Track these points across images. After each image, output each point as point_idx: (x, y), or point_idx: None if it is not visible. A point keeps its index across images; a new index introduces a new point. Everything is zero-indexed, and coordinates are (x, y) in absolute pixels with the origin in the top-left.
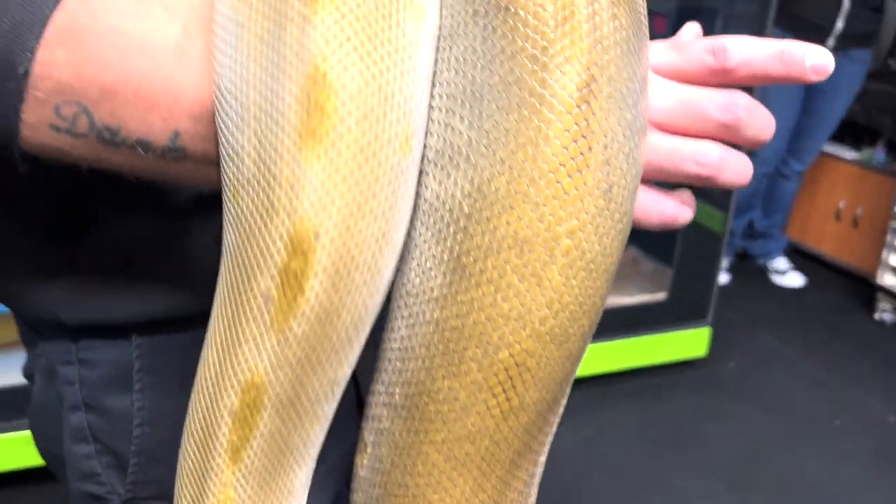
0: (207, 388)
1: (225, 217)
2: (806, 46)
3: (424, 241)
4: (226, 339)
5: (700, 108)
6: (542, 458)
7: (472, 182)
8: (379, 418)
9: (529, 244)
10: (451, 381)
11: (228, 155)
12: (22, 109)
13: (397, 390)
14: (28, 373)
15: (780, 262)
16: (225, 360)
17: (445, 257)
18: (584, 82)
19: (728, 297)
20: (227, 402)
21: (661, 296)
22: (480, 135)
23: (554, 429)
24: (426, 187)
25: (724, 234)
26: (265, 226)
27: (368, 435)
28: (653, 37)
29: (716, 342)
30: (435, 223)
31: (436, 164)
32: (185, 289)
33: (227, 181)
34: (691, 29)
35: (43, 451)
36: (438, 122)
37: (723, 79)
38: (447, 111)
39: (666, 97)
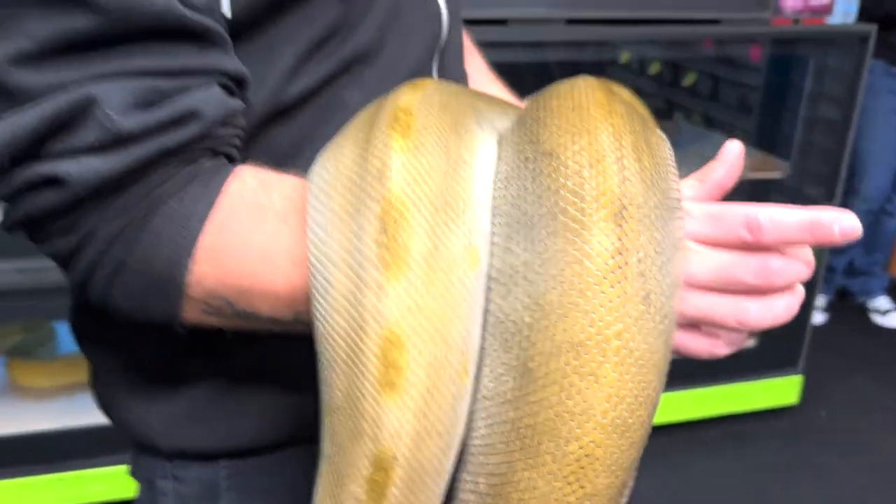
0: None
1: (322, 427)
2: (835, 214)
3: (494, 350)
4: None
5: (736, 276)
6: None
7: (530, 296)
8: (467, 502)
9: (584, 347)
10: (530, 472)
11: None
12: (180, 305)
13: (482, 480)
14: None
15: (882, 302)
16: None
17: (514, 363)
18: (616, 210)
19: (824, 338)
20: None
21: (750, 342)
22: (534, 256)
23: None
24: (492, 302)
25: (818, 280)
26: (353, 445)
27: None
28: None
29: (808, 387)
30: (502, 334)
31: (499, 282)
32: (269, 421)
33: (323, 403)
34: (733, 149)
35: None
36: (499, 247)
37: (756, 249)
38: (506, 237)
39: (704, 265)
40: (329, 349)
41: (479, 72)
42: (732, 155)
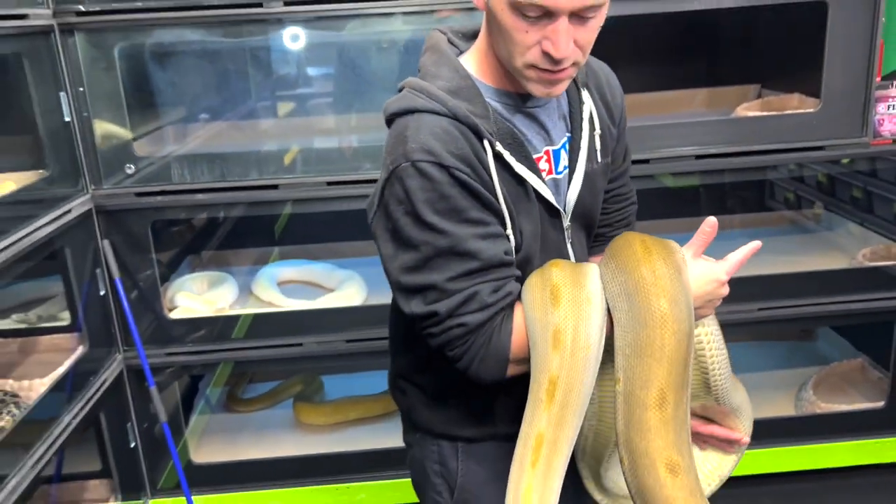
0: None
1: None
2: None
3: (622, 329)
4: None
5: (716, 294)
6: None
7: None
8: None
9: (654, 329)
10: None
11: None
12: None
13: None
14: (407, 441)
15: None
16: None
17: (630, 334)
18: (668, 308)
19: None
20: (526, 443)
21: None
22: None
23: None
24: (617, 311)
25: None
26: (537, 375)
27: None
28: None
29: None
30: (623, 328)
31: (615, 307)
32: (490, 420)
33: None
34: (709, 222)
35: (414, 485)
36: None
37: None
38: (614, 297)
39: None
40: (532, 336)
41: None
42: (709, 227)
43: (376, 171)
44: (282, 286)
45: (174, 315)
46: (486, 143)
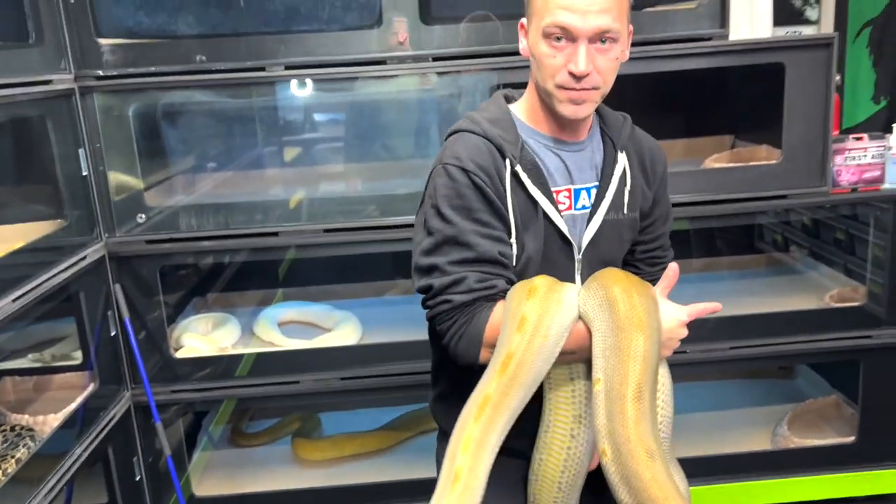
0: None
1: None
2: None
3: (600, 332)
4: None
5: (678, 332)
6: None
7: (609, 325)
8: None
9: (626, 330)
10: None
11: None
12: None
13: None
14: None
15: None
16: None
17: (610, 335)
18: (643, 319)
19: None
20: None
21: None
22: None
23: None
24: (595, 320)
25: None
26: (499, 348)
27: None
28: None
29: None
30: (600, 327)
31: (589, 317)
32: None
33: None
34: (672, 267)
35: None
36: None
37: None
38: (594, 309)
39: (669, 319)
40: (504, 321)
41: None
42: (671, 272)
43: (369, 218)
44: (282, 326)
45: (180, 354)
46: (507, 161)
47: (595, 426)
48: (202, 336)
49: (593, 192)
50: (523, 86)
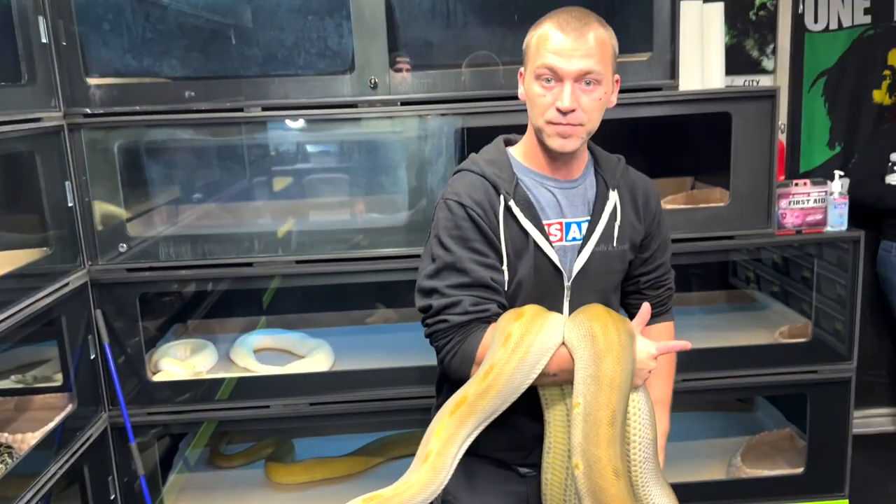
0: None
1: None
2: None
3: (581, 359)
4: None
5: (649, 362)
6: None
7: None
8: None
9: (605, 359)
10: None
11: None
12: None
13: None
14: None
15: None
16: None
17: (590, 364)
18: (619, 353)
19: None
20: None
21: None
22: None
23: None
24: (577, 350)
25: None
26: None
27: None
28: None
29: None
30: (582, 353)
31: (574, 346)
32: (488, 442)
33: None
34: (644, 308)
35: None
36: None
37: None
38: (577, 339)
39: (643, 352)
40: (493, 340)
41: None
42: (644, 311)
43: (337, 251)
44: (258, 353)
45: (157, 378)
46: (501, 197)
47: (571, 443)
48: (179, 361)
49: (584, 225)
50: (488, 130)
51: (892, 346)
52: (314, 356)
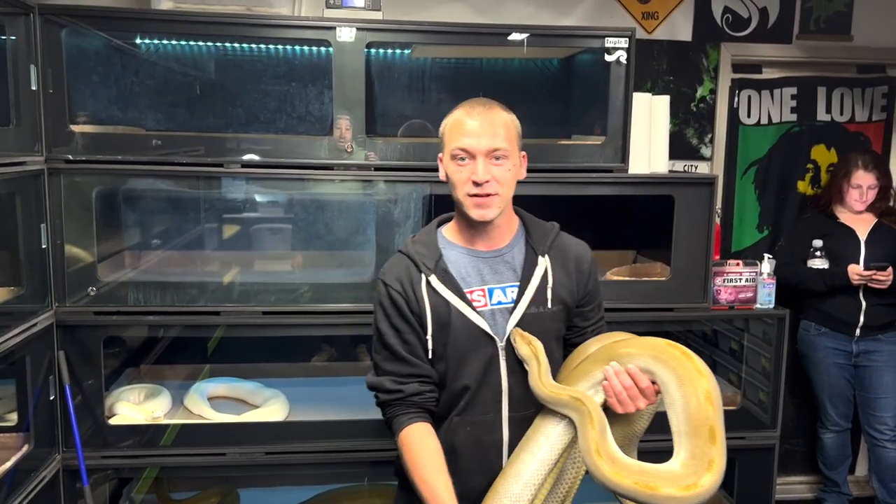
0: None
1: None
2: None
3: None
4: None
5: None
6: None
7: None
8: None
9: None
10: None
11: None
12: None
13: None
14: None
15: None
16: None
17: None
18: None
19: None
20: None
21: None
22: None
23: None
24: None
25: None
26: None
27: None
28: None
29: None
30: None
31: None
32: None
33: None
34: (613, 366)
35: None
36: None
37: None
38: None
39: None
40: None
41: None
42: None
43: (305, 303)
44: (212, 401)
45: (113, 421)
46: (422, 274)
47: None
48: (135, 405)
49: (512, 290)
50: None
51: (810, 418)
52: (270, 406)
